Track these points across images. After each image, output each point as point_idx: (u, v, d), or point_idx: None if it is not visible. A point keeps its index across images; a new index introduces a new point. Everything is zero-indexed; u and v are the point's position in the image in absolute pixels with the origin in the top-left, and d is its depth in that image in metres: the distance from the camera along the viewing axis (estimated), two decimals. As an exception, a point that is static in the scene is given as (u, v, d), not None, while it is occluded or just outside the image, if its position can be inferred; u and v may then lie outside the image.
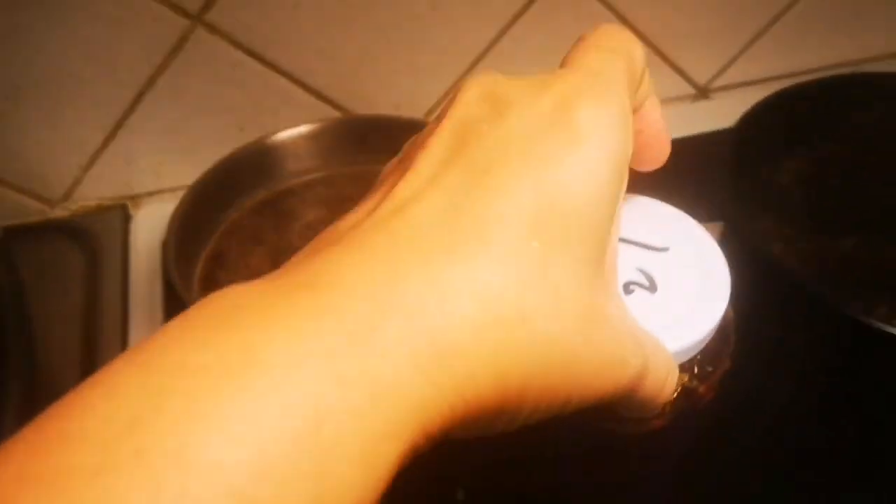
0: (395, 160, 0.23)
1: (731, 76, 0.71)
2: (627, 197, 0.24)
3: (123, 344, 0.52)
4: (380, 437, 0.16)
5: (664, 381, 0.24)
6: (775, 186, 0.61)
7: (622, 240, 0.27)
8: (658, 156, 0.26)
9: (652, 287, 0.27)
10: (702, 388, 0.30)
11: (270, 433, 0.15)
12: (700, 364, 0.29)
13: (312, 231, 0.56)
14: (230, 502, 0.14)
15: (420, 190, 0.20)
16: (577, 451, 0.33)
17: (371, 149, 0.56)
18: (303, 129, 0.55)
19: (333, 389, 0.16)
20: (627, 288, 0.27)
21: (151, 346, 0.16)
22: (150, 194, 0.61)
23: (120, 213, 0.60)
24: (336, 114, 0.61)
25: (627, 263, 0.28)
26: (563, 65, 0.23)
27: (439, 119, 0.22)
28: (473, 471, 0.38)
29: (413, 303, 0.18)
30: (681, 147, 0.28)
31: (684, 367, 0.29)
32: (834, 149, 0.64)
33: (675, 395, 0.28)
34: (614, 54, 0.23)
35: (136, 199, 0.61)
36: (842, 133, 0.65)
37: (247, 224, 0.53)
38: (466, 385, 0.18)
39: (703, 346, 0.27)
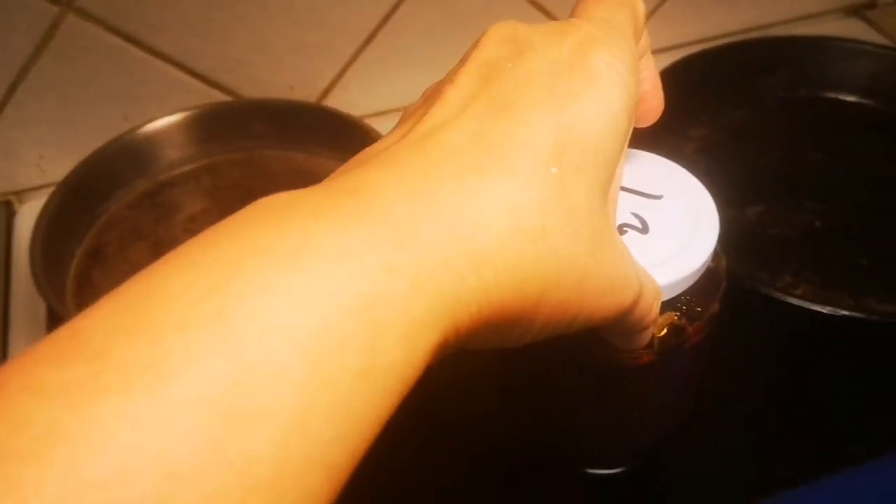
0: (418, 101, 0.25)
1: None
2: (626, 150, 0.26)
3: (4, 346, 0.50)
4: (420, 324, 0.18)
5: (651, 305, 0.26)
6: (681, 156, 0.60)
7: (620, 188, 0.29)
8: (654, 108, 0.28)
9: (644, 229, 0.30)
10: (691, 328, 0.32)
11: (329, 306, 0.17)
12: (689, 304, 0.32)
13: (196, 223, 0.55)
14: (300, 359, 0.16)
15: (450, 117, 0.22)
16: (574, 381, 0.36)
17: (257, 134, 0.54)
18: (182, 115, 0.53)
19: (382, 275, 0.18)
20: (621, 229, 0.29)
21: (217, 233, 0.18)
22: (36, 189, 0.59)
23: (3, 210, 0.57)
24: (227, 98, 0.59)
25: (623, 208, 0.30)
26: (573, 15, 0.26)
27: (464, 61, 0.24)
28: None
29: (447, 211, 0.20)
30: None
31: (674, 306, 0.32)
32: (738, 116, 0.63)
33: (665, 331, 0.32)
34: (622, 6, 0.26)
35: (20, 194, 0.59)
36: (746, 99, 0.64)
37: (126, 217, 0.50)
38: (492, 289, 0.20)
39: (689, 284, 0.29)
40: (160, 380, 0.15)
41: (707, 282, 0.31)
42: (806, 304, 0.45)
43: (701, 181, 0.33)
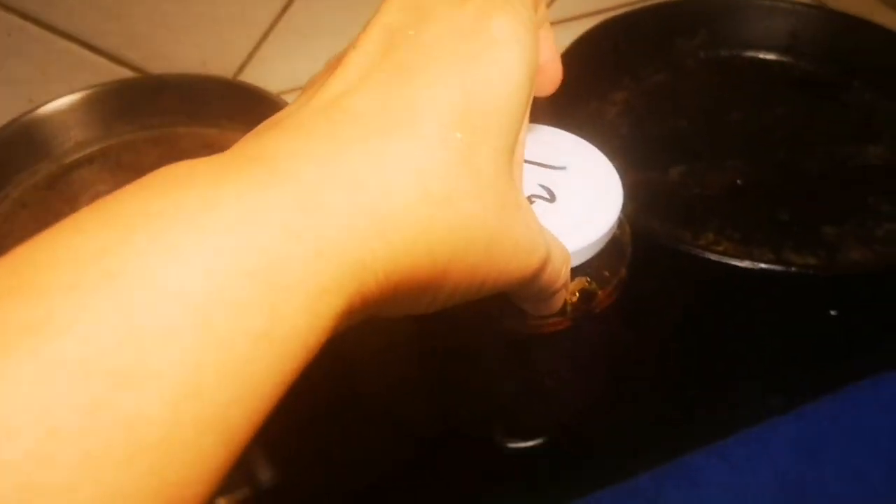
0: (321, 71, 0.25)
1: (554, 13, 0.69)
2: (529, 125, 0.27)
3: None
4: (323, 289, 0.18)
5: (559, 269, 0.26)
6: (603, 120, 0.60)
7: (525, 161, 0.29)
8: (553, 80, 0.28)
9: (552, 198, 0.30)
10: (601, 293, 0.33)
11: (225, 268, 0.16)
12: (598, 270, 0.33)
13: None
14: (191, 320, 0.16)
15: (353, 84, 0.22)
16: (491, 351, 0.36)
17: (168, 110, 0.52)
18: (84, 94, 0.50)
19: (282, 239, 0.17)
20: (529, 200, 0.30)
21: (111, 200, 0.17)
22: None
23: None
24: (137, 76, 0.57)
25: (529, 181, 0.30)
26: None
27: (366, 28, 0.24)
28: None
29: (352, 176, 0.19)
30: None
31: (584, 271, 0.32)
32: (659, 78, 0.63)
33: (577, 297, 0.33)
34: None
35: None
36: (667, 61, 0.64)
37: (28, 203, 0.48)
38: (399, 255, 0.20)
39: (597, 250, 0.30)
40: (43, 339, 0.14)
41: (614, 248, 0.32)
42: (726, 259, 0.45)
43: (623, 144, 0.34)
